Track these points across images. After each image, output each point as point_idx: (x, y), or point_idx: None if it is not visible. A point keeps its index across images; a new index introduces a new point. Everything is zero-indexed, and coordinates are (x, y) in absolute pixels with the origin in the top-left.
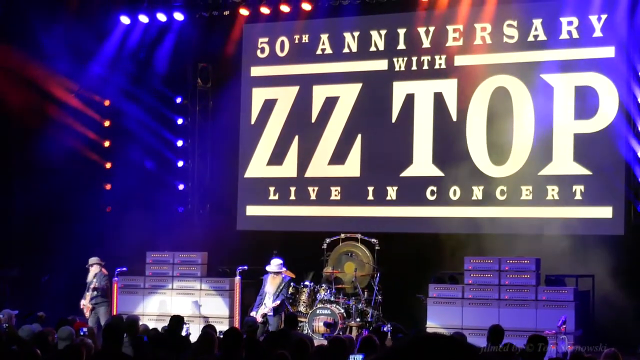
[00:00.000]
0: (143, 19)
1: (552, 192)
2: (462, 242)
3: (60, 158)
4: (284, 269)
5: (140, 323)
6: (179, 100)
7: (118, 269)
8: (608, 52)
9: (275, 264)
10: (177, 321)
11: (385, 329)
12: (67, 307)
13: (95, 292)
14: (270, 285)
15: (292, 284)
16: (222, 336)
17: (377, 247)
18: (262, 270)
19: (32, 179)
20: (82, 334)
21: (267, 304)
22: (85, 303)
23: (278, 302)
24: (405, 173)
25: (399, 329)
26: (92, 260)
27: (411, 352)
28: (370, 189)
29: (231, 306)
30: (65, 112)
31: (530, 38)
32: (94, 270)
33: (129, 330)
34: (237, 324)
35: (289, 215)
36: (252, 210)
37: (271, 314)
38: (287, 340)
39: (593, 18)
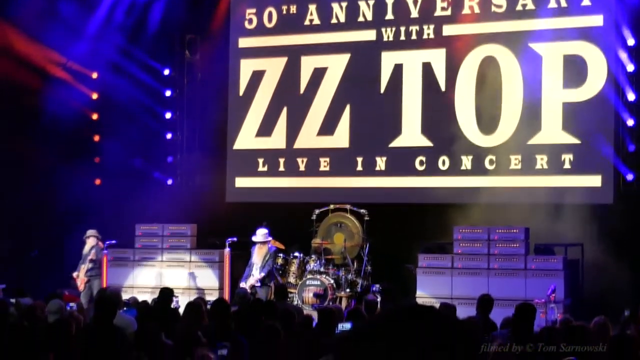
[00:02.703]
0: None
1: (541, 161)
2: (451, 211)
3: (48, 131)
4: (270, 238)
5: (130, 295)
6: (166, 72)
7: (107, 242)
8: (596, 20)
9: (260, 233)
10: (166, 293)
11: (374, 289)
12: (56, 281)
13: (91, 264)
14: (257, 256)
15: (280, 254)
16: (209, 307)
17: (366, 218)
18: (251, 241)
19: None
20: (68, 308)
21: (255, 274)
22: (79, 275)
23: (264, 273)
24: (394, 143)
25: (389, 290)
26: (90, 232)
27: (395, 320)
28: (360, 159)
29: (221, 278)
30: (53, 85)
31: (519, 7)
32: (90, 242)
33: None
34: (227, 296)
35: (278, 187)
36: (241, 182)
37: (258, 284)
38: (273, 311)
39: None
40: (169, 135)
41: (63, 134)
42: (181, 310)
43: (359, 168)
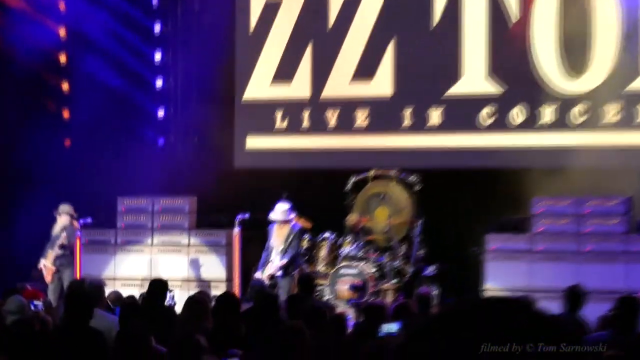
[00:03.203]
0: None
1: None
2: (528, 178)
3: (4, 77)
4: (292, 215)
5: (111, 290)
6: (155, 0)
7: (81, 221)
8: None
9: (280, 210)
10: (158, 287)
11: (427, 273)
12: (8, 271)
13: (62, 251)
14: (277, 238)
15: (305, 235)
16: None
17: (417, 187)
18: (269, 219)
19: None
20: (32, 306)
21: (274, 262)
22: (47, 264)
23: (287, 259)
24: (452, 90)
25: (445, 271)
26: (63, 208)
27: (463, 321)
28: (407, 112)
29: (229, 266)
30: (9, 18)
31: None
32: (62, 221)
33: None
34: (237, 290)
35: (302, 148)
36: (253, 143)
37: (280, 274)
38: (297, 309)
39: None
40: (159, 83)
41: (22, 80)
42: (178, 309)
43: (407, 123)
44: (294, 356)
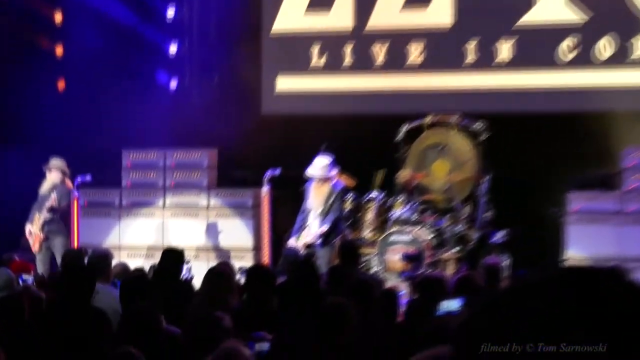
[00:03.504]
0: None
1: None
2: (618, 124)
3: None
4: (334, 171)
5: (116, 261)
6: None
7: (79, 178)
8: None
9: (319, 165)
10: (172, 257)
11: (495, 239)
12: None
13: (51, 215)
14: (315, 199)
15: (348, 194)
16: (243, 278)
17: (482, 136)
18: (305, 176)
19: None
20: (21, 281)
21: (312, 227)
22: (33, 229)
23: (327, 224)
24: (526, 19)
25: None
26: (54, 163)
27: (540, 297)
28: (471, 45)
29: (257, 232)
30: None
31: None
32: (52, 178)
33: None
34: (267, 260)
35: (343, 90)
36: (285, 84)
37: (318, 242)
38: (339, 283)
39: None
40: (170, 12)
41: (6, 10)
42: (196, 284)
43: (470, 58)
44: (335, 340)
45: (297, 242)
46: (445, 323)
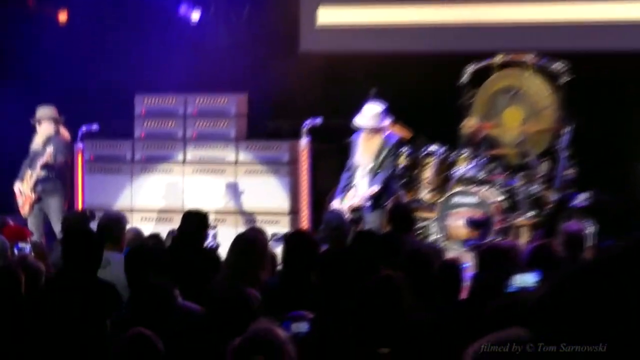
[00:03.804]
0: None
1: None
2: None
3: None
4: (386, 121)
5: (128, 226)
6: None
7: (83, 128)
8: None
9: (369, 113)
10: (194, 222)
11: (578, 202)
12: None
13: (46, 172)
14: (364, 154)
15: (403, 148)
16: (278, 247)
17: (564, 79)
18: (352, 126)
19: None
20: (17, 249)
21: (360, 187)
22: (23, 189)
23: (378, 184)
24: None
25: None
26: (43, 112)
27: (629, 270)
28: None
29: (294, 193)
30: None
31: None
32: (44, 130)
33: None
34: (305, 224)
35: (397, 23)
36: (327, 16)
37: (368, 204)
38: (392, 252)
39: None
40: None
41: None
42: (222, 253)
43: None
44: (388, 318)
45: (342, 204)
46: (519, 301)
